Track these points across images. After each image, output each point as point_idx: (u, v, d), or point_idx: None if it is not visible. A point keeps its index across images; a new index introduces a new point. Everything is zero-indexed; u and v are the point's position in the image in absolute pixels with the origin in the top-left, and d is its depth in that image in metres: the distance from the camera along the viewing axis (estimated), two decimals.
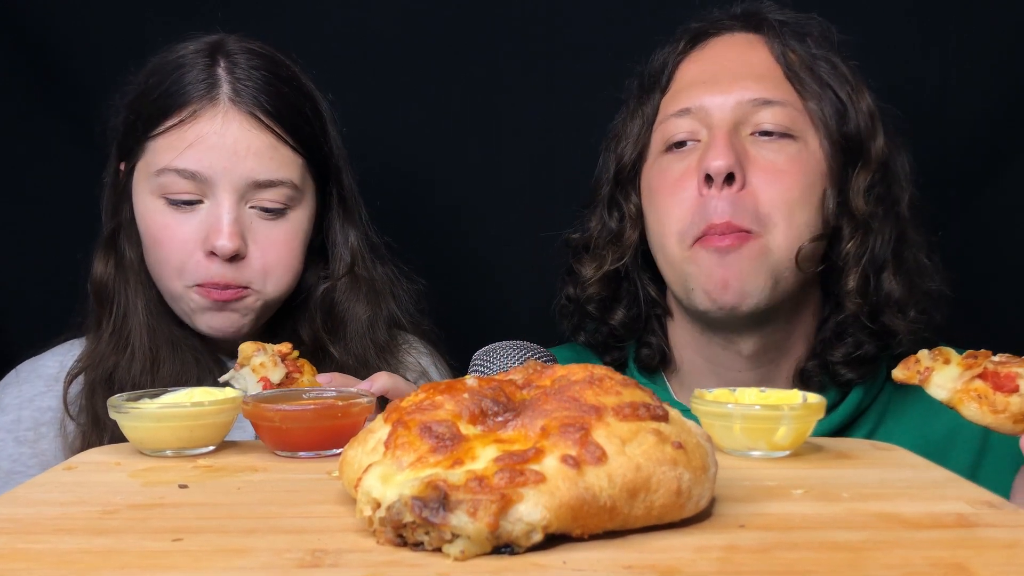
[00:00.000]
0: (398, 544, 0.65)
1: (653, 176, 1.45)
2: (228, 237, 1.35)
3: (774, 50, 1.43)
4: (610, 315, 1.53)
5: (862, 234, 1.39)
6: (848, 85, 1.43)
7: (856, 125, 1.41)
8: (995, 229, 1.83)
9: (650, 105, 1.48)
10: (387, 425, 0.74)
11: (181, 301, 1.40)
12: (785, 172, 1.37)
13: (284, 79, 1.43)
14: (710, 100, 1.40)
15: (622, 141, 1.50)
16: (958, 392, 1.08)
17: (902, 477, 0.85)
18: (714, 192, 1.34)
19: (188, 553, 0.65)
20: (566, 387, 0.74)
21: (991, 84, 1.80)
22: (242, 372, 1.17)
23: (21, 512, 0.75)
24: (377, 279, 1.53)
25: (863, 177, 1.40)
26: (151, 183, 1.38)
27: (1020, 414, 1.06)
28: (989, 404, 1.06)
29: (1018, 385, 1.05)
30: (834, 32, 1.47)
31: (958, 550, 0.65)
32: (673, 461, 0.69)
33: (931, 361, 1.11)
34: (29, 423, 1.42)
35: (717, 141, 1.36)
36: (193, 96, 1.37)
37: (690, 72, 1.46)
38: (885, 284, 1.41)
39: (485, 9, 1.87)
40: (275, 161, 1.39)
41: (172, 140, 1.37)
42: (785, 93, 1.40)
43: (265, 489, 0.82)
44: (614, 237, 1.51)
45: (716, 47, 1.47)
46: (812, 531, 0.69)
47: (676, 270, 1.41)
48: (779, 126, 1.38)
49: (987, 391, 1.07)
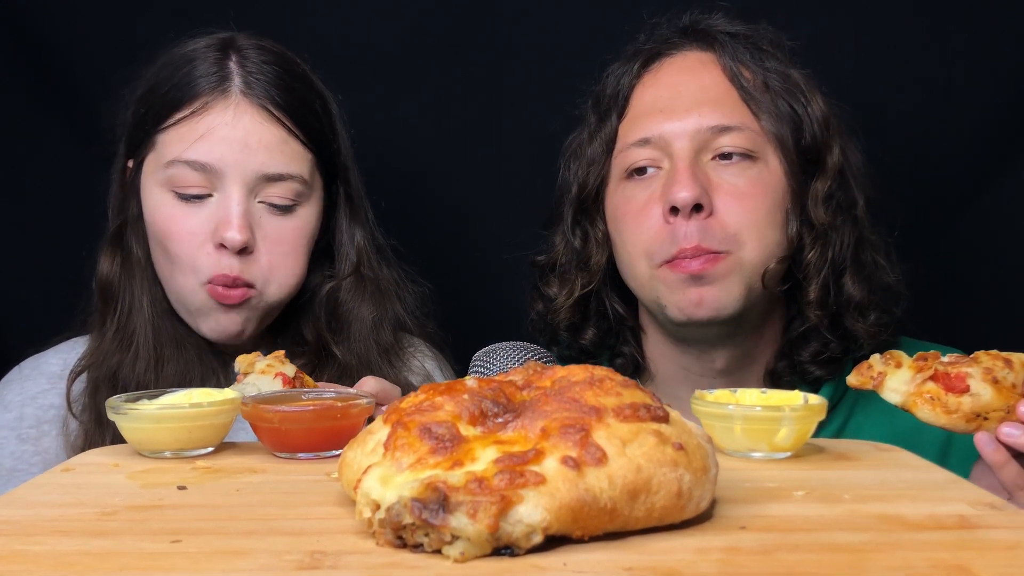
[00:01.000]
0: (398, 546, 0.65)
1: (617, 203, 1.47)
2: (238, 229, 1.34)
3: (727, 70, 1.43)
4: (581, 335, 1.55)
5: (821, 244, 1.42)
6: (801, 95, 1.44)
7: (812, 136, 1.43)
8: (998, 228, 1.83)
9: (607, 129, 1.48)
10: (386, 426, 0.74)
11: (190, 299, 1.39)
12: (749, 194, 1.39)
13: (295, 75, 1.43)
14: (669, 129, 1.40)
15: (582, 165, 1.51)
16: (911, 395, 1.11)
17: (903, 478, 0.85)
18: (681, 220, 1.36)
19: (187, 555, 0.65)
20: (566, 388, 0.74)
21: (994, 83, 1.80)
22: (248, 379, 1.17)
23: (19, 513, 0.75)
24: (383, 280, 1.52)
25: (820, 186, 1.43)
26: (160, 176, 1.38)
27: (972, 413, 1.09)
28: (942, 405, 1.09)
29: (968, 385, 1.08)
30: (784, 40, 1.48)
31: (960, 552, 0.65)
32: (674, 462, 0.69)
33: (883, 366, 1.13)
34: (32, 420, 1.41)
35: (680, 173, 1.37)
36: (204, 88, 1.37)
37: (646, 98, 1.46)
38: (846, 289, 1.43)
39: (485, 11, 1.87)
40: (285, 155, 1.38)
41: (182, 132, 1.36)
42: (742, 116, 1.41)
43: (264, 491, 0.82)
44: (581, 261, 1.52)
45: (670, 69, 1.47)
46: (813, 533, 0.69)
47: (647, 290, 1.43)
48: (739, 148, 1.40)
49: (939, 393, 1.09)
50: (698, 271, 1.36)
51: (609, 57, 1.54)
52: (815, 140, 1.43)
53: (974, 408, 1.08)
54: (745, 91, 1.42)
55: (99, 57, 1.81)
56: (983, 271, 1.84)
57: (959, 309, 1.79)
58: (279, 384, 1.13)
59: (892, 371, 1.12)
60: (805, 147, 1.42)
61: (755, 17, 1.49)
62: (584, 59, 1.58)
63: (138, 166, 1.43)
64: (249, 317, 1.40)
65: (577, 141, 1.55)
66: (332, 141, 1.47)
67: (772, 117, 1.41)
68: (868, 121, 1.54)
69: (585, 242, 1.52)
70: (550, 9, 1.88)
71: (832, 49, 1.67)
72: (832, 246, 1.42)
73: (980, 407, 1.08)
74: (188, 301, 1.40)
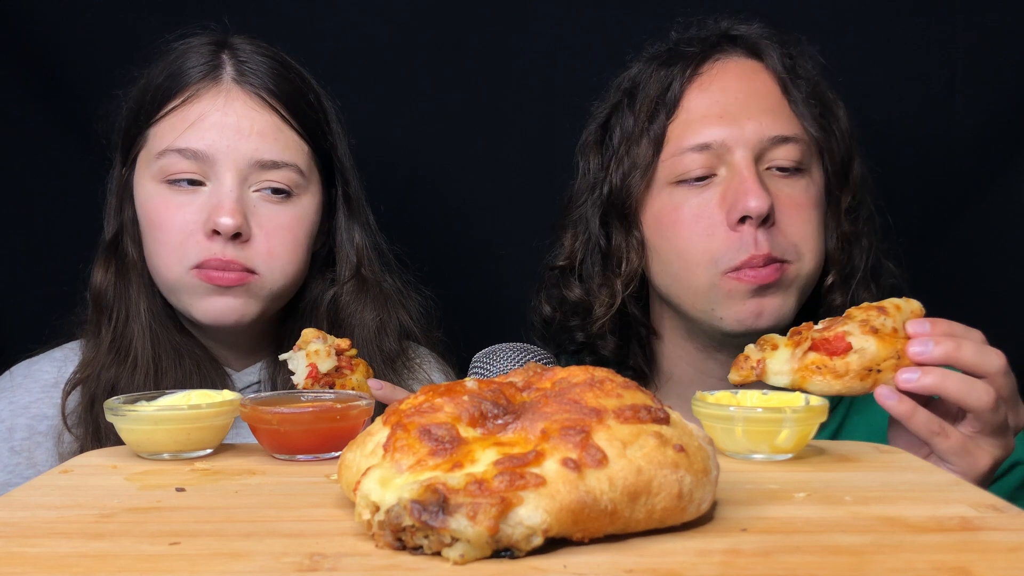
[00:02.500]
0: (397, 548, 0.64)
1: (663, 208, 1.43)
2: (230, 213, 1.31)
3: (778, 79, 1.44)
4: (604, 344, 1.54)
5: (848, 254, 1.44)
6: (832, 106, 1.45)
7: (843, 149, 1.44)
8: (999, 230, 1.83)
9: (655, 130, 1.44)
10: (386, 428, 0.74)
11: (179, 288, 1.35)
12: (803, 206, 1.40)
13: (288, 66, 1.43)
14: (729, 135, 1.39)
15: (621, 164, 1.46)
16: (797, 372, 1.07)
17: (905, 480, 0.85)
18: (750, 228, 1.36)
19: (185, 557, 0.64)
20: (567, 389, 0.73)
21: (997, 83, 1.80)
22: (297, 354, 1.18)
23: (17, 515, 0.75)
24: (385, 285, 1.50)
25: (847, 197, 1.45)
26: (152, 168, 1.36)
27: (863, 370, 1.05)
28: (831, 372, 1.05)
29: (850, 343, 1.05)
30: (815, 50, 1.48)
31: (962, 554, 0.64)
32: (674, 464, 0.68)
33: (760, 353, 1.11)
34: (24, 432, 1.38)
35: (750, 182, 1.36)
36: (195, 78, 1.36)
37: (700, 102, 1.43)
38: (861, 296, 1.44)
39: (485, 11, 1.87)
40: (279, 142, 1.37)
41: (174, 121, 1.35)
42: (795, 127, 1.42)
43: (263, 492, 0.82)
44: (614, 265, 1.49)
45: (723, 75, 1.45)
46: (814, 535, 0.69)
47: (701, 299, 1.41)
48: (793, 162, 1.40)
49: (823, 360, 1.06)
50: (767, 279, 1.35)
51: (630, 56, 1.52)
52: (846, 151, 1.45)
53: (863, 364, 1.04)
54: (794, 101, 1.42)
55: (99, 63, 1.81)
56: (986, 272, 1.84)
57: (959, 309, 1.79)
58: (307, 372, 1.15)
59: (770, 354, 1.10)
60: (840, 160, 1.44)
61: (763, 20, 1.49)
62: (584, 59, 1.57)
63: (131, 167, 1.41)
64: (248, 303, 1.36)
65: (594, 138, 1.52)
66: (328, 135, 1.45)
67: (816, 128, 1.42)
68: (869, 124, 1.55)
69: (612, 245, 1.49)
70: (550, 9, 1.88)
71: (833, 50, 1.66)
72: (856, 256, 1.45)
73: (869, 361, 1.04)
74: (179, 291, 1.36)
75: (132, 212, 1.42)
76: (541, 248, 1.61)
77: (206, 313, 1.36)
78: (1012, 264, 1.83)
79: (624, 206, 1.46)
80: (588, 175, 1.53)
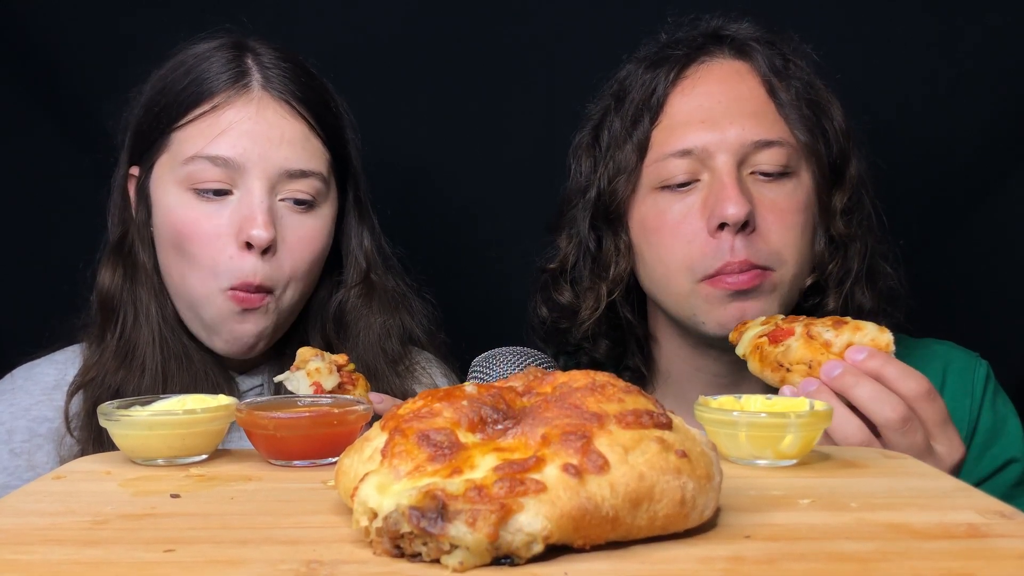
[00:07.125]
0: (395, 555, 0.64)
1: (648, 214, 1.44)
2: (263, 226, 1.31)
3: (764, 81, 1.43)
4: (596, 347, 1.54)
5: (842, 257, 1.43)
6: (825, 106, 1.44)
7: (836, 148, 1.43)
8: (1004, 231, 1.83)
9: (639, 134, 1.44)
10: (384, 433, 0.73)
11: (207, 306, 1.35)
12: (788, 211, 1.39)
13: (310, 73, 1.43)
14: (711, 140, 1.38)
15: (607, 168, 1.46)
16: (748, 346, 1.17)
17: (911, 486, 0.84)
18: (727, 235, 1.35)
19: (180, 564, 0.64)
20: (567, 394, 0.73)
21: (1002, 83, 1.80)
22: (296, 374, 1.18)
23: (10, 522, 0.74)
24: (391, 289, 1.50)
25: (840, 199, 1.44)
26: (177, 174, 1.35)
27: (775, 363, 1.12)
28: (759, 354, 1.14)
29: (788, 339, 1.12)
30: (807, 48, 1.47)
31: (969, 561, 0.64)
32: (677, 470, 0.67)
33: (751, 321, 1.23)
34: (24, 434, 1.37)
35: (729, 188, 1.35)
36: (222, 84, 1.35)
37: (684, 106, 1.43)
38: (856, 298, 1.44)
39: (486, 12, 1.87)
40: (307, 151, 1.37)
41: (202, 128, 1.34)
42: (781, 131, 1.40)
43: (259, 499, 0.81)
44: (601, 269, 1.50)
45: (707, 77, 1.44)
46: (819, 542, 0.68)
47: (682, 305, 1.42)
48: (778, 166, 1.39)
49: (763, 343, 1.14)
50: (745, 285, 1.35)
51: (624, 56, 1.52)
52: (840, 152, 1.43)
53: (778, 359, 1.10)
54: (781, 103, 1.41)
55: (99, 63, 1.81)
56: (990, 273, 1.84)
57: (960, 310, 1.79)
58: (312, 391, 1.15)
59: (750, 327, 1.20)
60: (831, 160, 1.43)
61: (755, 19, 1.48)
62: (587, 61, 1.57)
63: (147, 170, 1.40)
64: (266, 326, 1.37)
65: (587, 140, 1.52)
66: (346, 142, 1.46)
67: (805, 131, 1.41)
68: (872, 125, 1.54)
69: (601, 248, 1.50)
70: (552, 10, 1.87)
71: (834, 51, 1.66)
72: (850, 258, 1.43)
73: (786, 358, 1.10)
74: (205, 309, 1.35)
75: (144, 215, 1.41)
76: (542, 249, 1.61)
77: (227, 342, 1.36)
78: (1017, 265, 1.83)
79: (611, 210, 1.47)
80: (580, 177, 1.53)
